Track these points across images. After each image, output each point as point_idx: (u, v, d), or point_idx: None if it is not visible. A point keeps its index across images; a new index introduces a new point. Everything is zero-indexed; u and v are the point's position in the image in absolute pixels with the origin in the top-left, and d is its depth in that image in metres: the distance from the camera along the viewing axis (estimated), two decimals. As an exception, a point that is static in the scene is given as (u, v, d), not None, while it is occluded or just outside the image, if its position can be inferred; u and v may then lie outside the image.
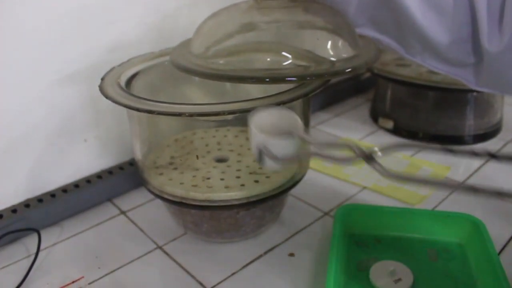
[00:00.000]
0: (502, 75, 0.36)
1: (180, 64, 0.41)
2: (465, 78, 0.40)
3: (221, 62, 0.40)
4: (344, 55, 0.41)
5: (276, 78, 0.36)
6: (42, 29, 0.45)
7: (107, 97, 0.38)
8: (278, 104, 0.34)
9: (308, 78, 0.37)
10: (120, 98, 0.37)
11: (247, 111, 0.34)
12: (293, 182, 0.43)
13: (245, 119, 0.33)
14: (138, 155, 0.45)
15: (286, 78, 0.36)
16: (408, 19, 0.39)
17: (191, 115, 0.34)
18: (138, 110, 0.35)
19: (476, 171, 0.56)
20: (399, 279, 0.37)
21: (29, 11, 0.44)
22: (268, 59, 0.40)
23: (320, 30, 0.43)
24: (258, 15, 0.42)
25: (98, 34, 0.50)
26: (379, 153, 0.27)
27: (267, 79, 0.36)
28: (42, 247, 0.45)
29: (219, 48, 0.42)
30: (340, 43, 0.42)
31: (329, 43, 0.42)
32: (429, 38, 0.39)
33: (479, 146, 0.63)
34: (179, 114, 0.34)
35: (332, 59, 0.40)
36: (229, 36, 0.42)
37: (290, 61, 0.39)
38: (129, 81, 0.44)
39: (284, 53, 0.39)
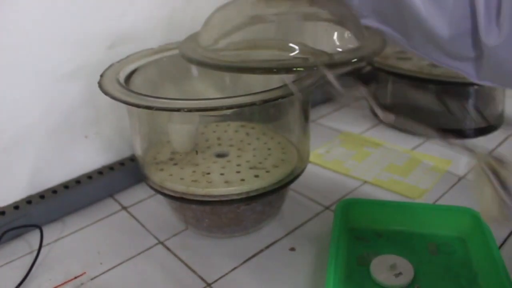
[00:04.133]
0: (501, 68, 0.36)
1: (191, 57, 0.41)
2: (466, 71, 0.41)
3: (230, 54, 0.41)
4: (350, 46, 0.41)
5: (285, 68, 0.37)
6: (42, 26, 0.45)
7: (106, 93, 0.38)
8: (277, 99, 0.34)
9: (315, 68, 0.37)
10: (119, 94, 0.37)
11: (246, 105, 0.34)
12: (293, 177, 0.43)
13: (245, 113, 0.33)
14: (139, 151, 0.46)
15: (293, 68, 0.37)
16: (412, 11, 0.39)
17: (189, 110, 0.34)
18: (137, 106, 0.35)
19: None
20: (400, 273, 0.38)
21: (30, 6, 0.44)
22: (276, 51, 0.41)
23: (326, 21, 0.43)
24: (265, 8, 0.42)
25: (99, 29, 0.50)
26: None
27: (275, 69, 0.37)
28: (44, 243, 0.45)
29: (228, 41, 0.42)
30: (346, 34, 0.42)
31: (336, 34, 0.42)
32: (431, 31, 0.39)
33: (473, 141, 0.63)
34: (177, 110, 0.34)
35: (339, 49, 0.40)
36: (237, 29, 0.42)
37: (297, 52, 0.39)
38: (128, 78, 0.44)
39: (291, 45, 0.40)
